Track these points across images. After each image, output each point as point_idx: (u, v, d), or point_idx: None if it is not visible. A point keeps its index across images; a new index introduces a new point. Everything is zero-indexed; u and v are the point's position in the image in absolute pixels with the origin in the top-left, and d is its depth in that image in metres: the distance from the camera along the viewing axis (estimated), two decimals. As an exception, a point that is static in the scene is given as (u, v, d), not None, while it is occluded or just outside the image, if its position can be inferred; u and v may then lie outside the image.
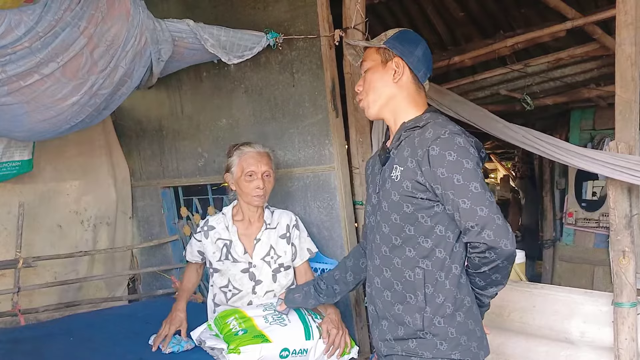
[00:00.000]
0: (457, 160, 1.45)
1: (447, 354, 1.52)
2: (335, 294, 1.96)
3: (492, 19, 4.20)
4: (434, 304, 1.53)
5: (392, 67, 1.63)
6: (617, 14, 2.05)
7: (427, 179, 1.49)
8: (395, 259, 1.59)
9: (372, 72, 1.68)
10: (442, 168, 1.46)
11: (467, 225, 1.44)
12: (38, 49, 1.86)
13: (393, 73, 1.63)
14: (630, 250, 2.06)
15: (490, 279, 1.53)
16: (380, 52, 1.66)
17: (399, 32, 1.68)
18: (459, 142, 1.47)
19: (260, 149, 2.32)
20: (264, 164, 2.27)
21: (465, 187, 1.43)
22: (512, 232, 1.45)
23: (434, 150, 1.47)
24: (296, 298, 2.02)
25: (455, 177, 1.44)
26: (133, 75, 2.17)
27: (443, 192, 1.47)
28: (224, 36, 2.25)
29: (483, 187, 1.45)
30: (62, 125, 2.22)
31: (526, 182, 7.04)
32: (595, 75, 3.56)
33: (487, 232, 1.42)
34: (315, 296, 1.97)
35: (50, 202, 3.33)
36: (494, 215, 1.42)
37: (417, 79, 1.64)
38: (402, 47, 1.63)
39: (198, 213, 3.35)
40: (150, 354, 2.16)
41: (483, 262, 1.47)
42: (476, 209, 1.42)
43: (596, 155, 2.09)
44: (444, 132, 1.48)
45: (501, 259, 1.45)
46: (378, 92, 1.66)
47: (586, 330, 2.19)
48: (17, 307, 2.90)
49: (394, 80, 1.63)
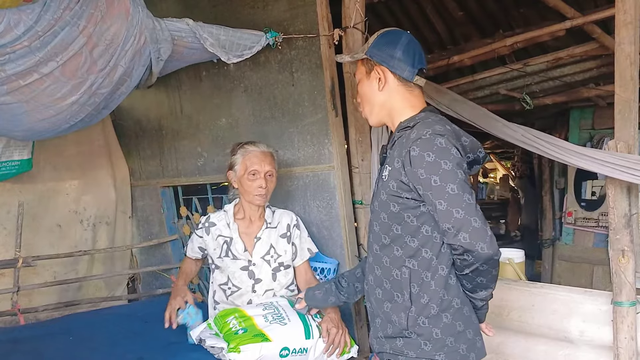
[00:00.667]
0: (435, 161, 1.44)
1: (432, 354, 1.51)
2: (357, 292, 1.94)
3: (491, 18, 4.21)
4: (419, 304, 1.53)
5: (375, 76, 1.64)
6: (617, 13, 2.05)
7: (410, 179, 1.50)
8: (384, 257, 1.60)
9: (361, 85, 1.70)
10: (421, 169, 1.46)
11: (444, 227, 1.45)
12: (37, 48, 1.86)
13: (377, 81, 1.64)
14: (629, 249, 2.06)
15: (476, 282, 1.52)
16: (364, 63, 1.68)
17: (378, 37, 1.67)
18: (439, 143, 1.46)
19: (264, 148, 2.33)
20: (267, 163, 2.28)
21: (442, 188, 1.43)
22: (492, 235, 1.43)
23: (414, 150, 1.47)
24: (316, 295, 2.00)
25: (433, 178, 1.44)
26: (132, 75, 2.17)
27: (424, 193, 1.48)
28: (224, 35, 2.25)
29: (461, 188, 1.43)
30: (61, 125, 2.22)
31: (525, 181, 7.04)
32: (595, 75, 3.56)
33: (462, 235, 1.41)
34: (336, 293, 1.96)
35: (50, 201, 3.33)
36: (471, 218, 1.41)
37: (404, 80, 1.63)
38: (381, 52, 1.63)
39: (198, 212, 3.35)
40: (150, 353, 2.15)
41: (464, 265, 1.47)
42: (452, 211, 1.42)
43: (595, 154, 2.09)
44: (425, 133, 1.48)
45: (479, 262, 1.44)
46: (371, 103, 1.68)
47: (585, 329, 2.19)
48: (16, 307, 2.90)
49: (379, 89, 1.64)
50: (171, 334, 2.34)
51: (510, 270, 2.92)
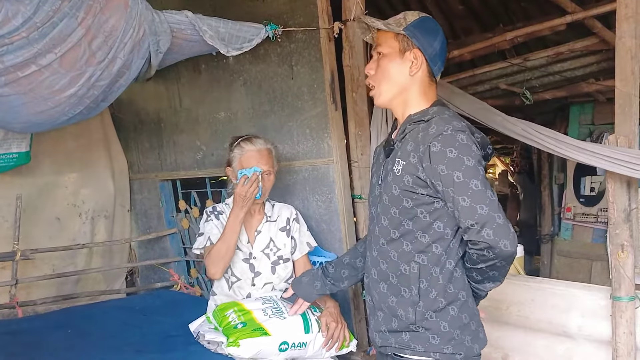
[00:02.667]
0: (458, 157, 1.43)
1: (440, 348, 1.51)
2: (343, 279, 1.90)
3: (491, 12, 4.19)
4: (427, 299, 1.52)
5: (410, 58, 1.57)
6: (618, 7, 2.04)
7: (428, 175, 1.48)
8: (392, 251, 1.58)
9: (388, 60, 1.60)
10: (442, 165, 1.44)
11: (467, 224, 1.43)
12: (35, 40, 1.84)
13: (410, 65, 1.57)
14: (628, 244, 2.06)
15: (487, 275, 1.52)
16: (399, 39, 1.58)
17: (420, 20, 1.58)
18: (461, 139, 1.45)
19: (261, 145, 2.28)
20: (263, 163, 2.24)
21: (466, 184, 1.42)
22: (514, 233, 1.42)
23: (435, 147, 1.45)
24: (302, 280, 1.98)
25: (456, 174, 1.43)
26: (131, 67, 2.16)
27: (444, 189, 1.46)
28: (223, 28, 2.23)
29: (484, 185, 1.43)
30: (59, 117, 2.21)
31: (524, 177, 7.03)
32: (595, 70, 3.55)
33: (486, 231, 1.40)
34: (322, 278, 1.92)
35: (48, 194, 3.32)
36: (495, 214, 1.41)
37: (431, 73, 1.60)
38: (423, 37, 1.56)
39: (196, 206, 3.35)
40: (149, 346, 2.16)
41: (481, 259, 1.46)
42: (476, 207, 1.41)
43: (595, 149, 2.09)
44: (446, 129, 1.46)
45: (499, 258, 1.44)
46: (392, 82, 1.60)
47: (584, 324, 2.19)
48: (14, 300, 2.90)
49: (410, 73, 1.58)
50: (170, 327, 2.35)
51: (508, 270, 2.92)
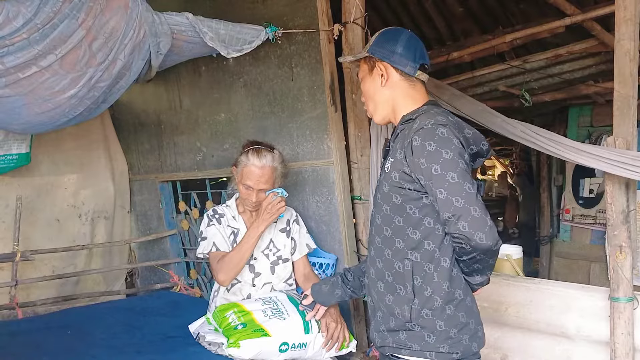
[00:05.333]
0: (436, 150, 1.45)
1: (436, 346, 1.52)
2: (362, 286, 1.92)
3: (491, 14, 4.21)
4: (422, 297, 1.54)
5: (378, 72, 1.66)
6: (617, 10, 2.05)
7: (412, 170, 1.50)
8: (386, 250, 1.60)
9: (364, 83, 1.73)
10: (422, 158, 1.47)
11: (444, 216, 1.45)
12: (36, 41, 1.85)
13: (380, 77, 1.66)
14: (627, 245, 2.06)
15: (472, 268, 1.53)
16: (366, 61, 1.70)
17: (379, 35, 1.70)
18: (440, 133, 1.47)
19: (266, 162, 2.21)
20: (262, 182, 2.21)
21: (442, 177, 1.44)
22: (492, 226, 1.43)
23: (416, 140, 1.48)
24: (323, 289, 1.99)
25: (434, 167, 1.45)
26: (131, 68, 2.17)
27: (425, 183, 1.48)
28: (223, 30, 2.24)
29: (462, 177, 1.43)
30: (60, 118, 2.22)
31: (524, 178, 7.05)
32: (594, 72, 3.56)
33: (462, 223, 1.42)
34: (342, 287, 1.95)
35: (48, 195, 3.32)
36: (470, 207, 1.42)
37: (406, 75, 1.65)
38: (382, 49, 1.65)
39: (196, 207, 3.35)
40: (149, 347, 2.16)
41: (462, 252, 1.48)
42: (452, 200, 1.42)
43: (594, 151, 2.09)
44: (427, 123, 1.49)
45: (477, 251, 1.45)
46: (375, 100, 1.70)
47: (583, 325, 2.20)
48: (14, 301, 2.90)
49: (382, 85, 1.66)
50: (170, 328, 2.35)
51: (508, 266, 2.92)
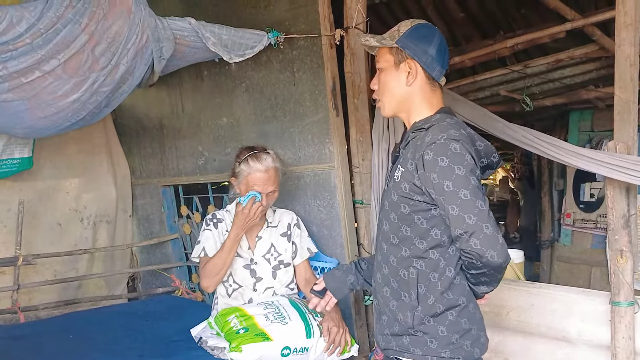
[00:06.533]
0: (449, 166, 1.44)
1: (437, 352, 1.52)
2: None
3: (492, 19, 4.21)
4: (426, 304, 1.54)
5: (406, 69, 1.60)
6: (617, 15, 2.05)
7: (423, 183, 1.49)
8: (392, 257, 1.60)
9: (385, 74, 1.65)
10: (434, 173, 1.46)
11: (456, 233, 1.44)
12: (39, 46, 1.86)
13: (406, 75, 1.60)
14: (627, 250, 2.06)
15: (480, 280, 1.53)
16: (393, 52, 1.62)
17: (412, 29, 1.61)
18: (453, 148, 1.45)
19: (269, 164, 2.23)
20: (270, 184, 2.22)
21: (455, 194, 1.43)
22: (503, 243, 1.43)
23: (428, 154, 1.47)
24: (335, 273, 1.93)
25: (446, 183, 1.44)
26: (134, 73, 2.18)
27: (436, 197, 1.48)
28: (226, 35, 2.25)
29: (474, 194, 1.43)
30: (62, 123, 2.22)
31: (525, 183, 7.05)
32: (594, 77, 3.57)
33: (474, 241, 1.41)
34: (355, 273, 1.89)
35: (50, 199, 3.33)
36: (483, 224, 1.41)
37: (431, 78, 1.62)
38: (415, 46, 1.58)
39: (198, 212, 3.35)
40: (151, 351, 2.16)
41: (471, 267, 1.48)
42: (464, 217, 1.42)
43: (595, 155, 2.09)
44: (440, 137, 1.47)
45: (487, 268, 1.45)
46: (392, 95, 1.64)
47: (584, 329, 2.20)
48: (16, 305, 2.90)
49: (407, 83, 1.61)
50: (172, 332, 2.36)
51: (509, 270, 2.92)
